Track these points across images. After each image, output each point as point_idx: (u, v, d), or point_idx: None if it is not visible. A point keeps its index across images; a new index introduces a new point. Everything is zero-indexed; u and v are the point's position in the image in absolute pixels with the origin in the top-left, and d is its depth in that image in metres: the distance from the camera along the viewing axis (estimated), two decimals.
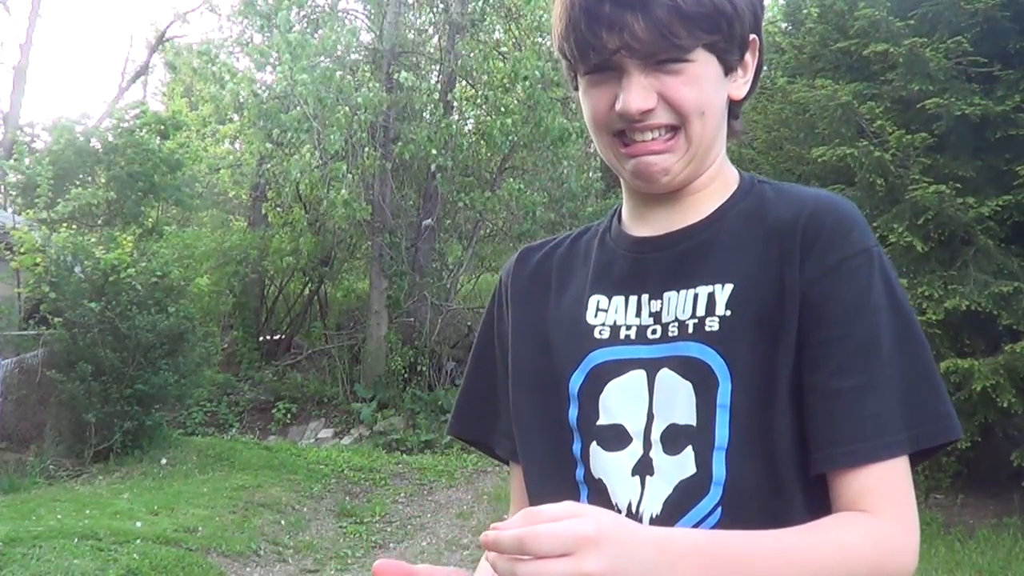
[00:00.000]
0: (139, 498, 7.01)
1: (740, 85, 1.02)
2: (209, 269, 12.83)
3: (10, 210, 12.11)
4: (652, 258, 1.02)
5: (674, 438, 0.95)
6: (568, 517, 0.73)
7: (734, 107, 1.03)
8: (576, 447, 1.01)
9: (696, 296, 0.97)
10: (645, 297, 1.00)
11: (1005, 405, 5.71)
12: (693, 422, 0.94)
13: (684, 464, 0.94)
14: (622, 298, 1.02)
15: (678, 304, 0.97)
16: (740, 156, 7.56)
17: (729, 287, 0.95)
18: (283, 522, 7.10)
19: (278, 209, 14.37)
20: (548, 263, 1.12)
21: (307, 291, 15.54)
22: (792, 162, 7.63)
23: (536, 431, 1.05)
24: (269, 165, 13.19)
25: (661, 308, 0.99)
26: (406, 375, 12.65)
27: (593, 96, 0.98)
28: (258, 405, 12.93)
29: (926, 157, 6.36)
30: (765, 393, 0.92)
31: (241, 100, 12.41)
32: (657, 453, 0.96)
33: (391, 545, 6.95)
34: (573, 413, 1.01)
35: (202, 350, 9.62)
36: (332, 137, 11.16)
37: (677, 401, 0.95)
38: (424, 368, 12.69)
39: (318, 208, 13.36)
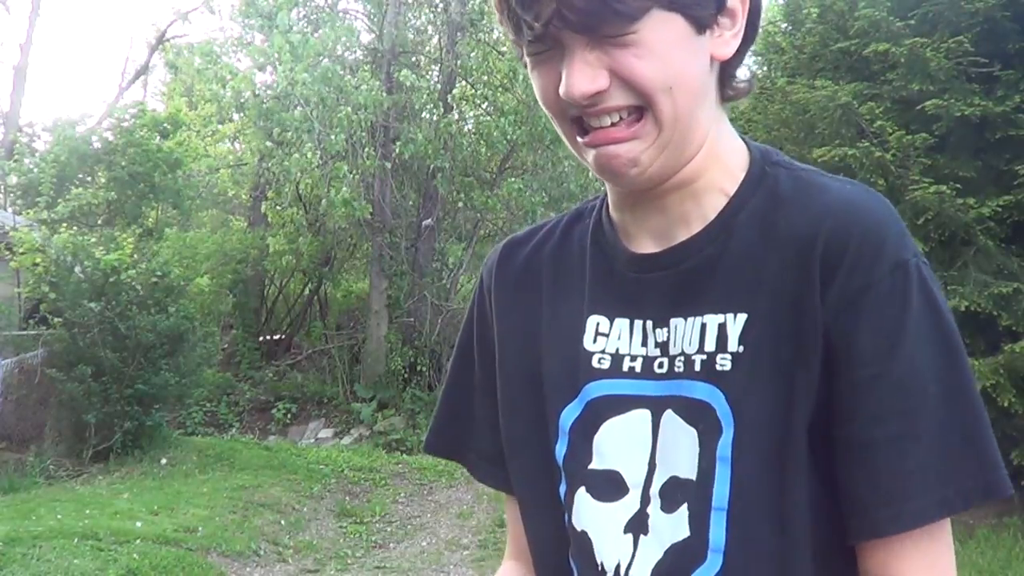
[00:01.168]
0: (139, 498, 7.01)
1: (727, 40, 0.80)
2: (209, 269, 12.84)
3: (10, 210, 12.11)
4: (654, 278, 0.85)
5: (672, 493, 0.80)
6: None
7: (726, 67, 0.83)
8: (561, 489, 0.87)
9: (704, 327, 0.81)
10: (650, 324, 0.85)
11: (1005, 404, 5.70)
12: (693, 476, 0.79)
13: (677, 525, 0.79)
14: (626, 322, 0.86)
15: (684, 335, 0.82)
16: None
17: (742, 318, 0.80)
18: (283, 522, 7.10)
19: (278, 208, 14.40)
20: (537, 260, 0.95)
21: (307, 291, 15.55)
22: None
23: (528, 464, 0.91)
24: (269, 165, 13.21)
25: (668, 338, 0.83)
26: (406, 375, 12.66)
27: (540, 77, 0.80)
28: (258, 405, 12.94)
29: (926, 157, 6.35)
30: (777, 445, 0.77)
31: (242, 100, 12.43)
32: (654, 509, 0.81)
33: (391, 545, 6.95)
34: (561, 450, 0.87)
35: (202, 350, 9.63)
36: (333, 137, 11.18)
37: (680, 450, 0.80)
38: (424, 368, 12.69)
39: (318, 208, 13.38)
